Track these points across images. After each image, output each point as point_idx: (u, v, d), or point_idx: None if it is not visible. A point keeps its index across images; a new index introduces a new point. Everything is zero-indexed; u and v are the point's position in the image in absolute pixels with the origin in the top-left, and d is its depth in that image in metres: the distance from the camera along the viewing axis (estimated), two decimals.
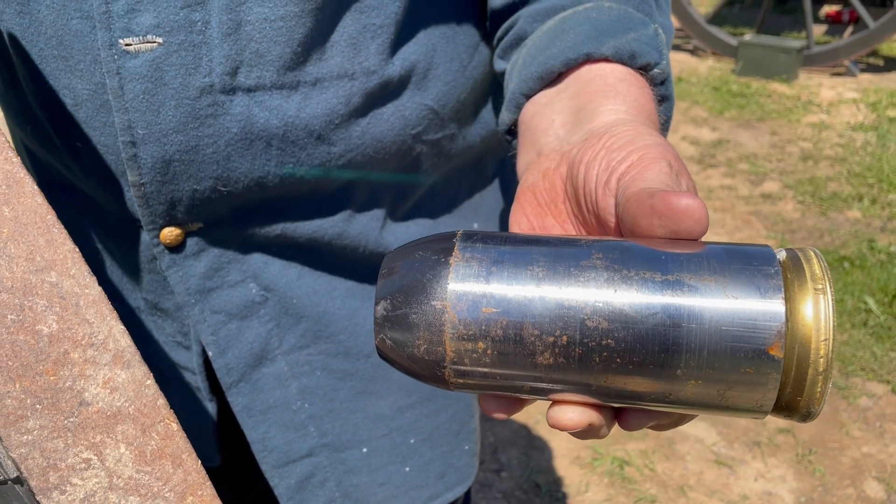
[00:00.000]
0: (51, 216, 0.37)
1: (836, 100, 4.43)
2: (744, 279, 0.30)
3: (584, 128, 0.44)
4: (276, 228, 0.62)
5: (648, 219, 0.33)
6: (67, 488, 0.35)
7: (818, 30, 5.82)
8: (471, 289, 0.32)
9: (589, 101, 0.46)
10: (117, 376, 0.37)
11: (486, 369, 0.33)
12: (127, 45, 0.51)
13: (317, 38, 0.54)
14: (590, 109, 0.45)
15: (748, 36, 5.04)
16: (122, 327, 0.38)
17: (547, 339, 0.31)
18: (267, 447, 0.71)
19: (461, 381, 0.34)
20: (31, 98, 0.57)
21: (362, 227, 0.65)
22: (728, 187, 3.35)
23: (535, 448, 1.94)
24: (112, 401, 0.37)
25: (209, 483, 0.40)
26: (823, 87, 4.66)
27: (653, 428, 0.37)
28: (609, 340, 0.31)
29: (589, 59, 0.48)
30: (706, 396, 0.31)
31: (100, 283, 0.71)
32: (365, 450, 0.73)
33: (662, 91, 0.49)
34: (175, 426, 0.39)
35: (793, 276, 0.31)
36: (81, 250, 0.70)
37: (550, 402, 0.35)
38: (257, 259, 0.64)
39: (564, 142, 0.45)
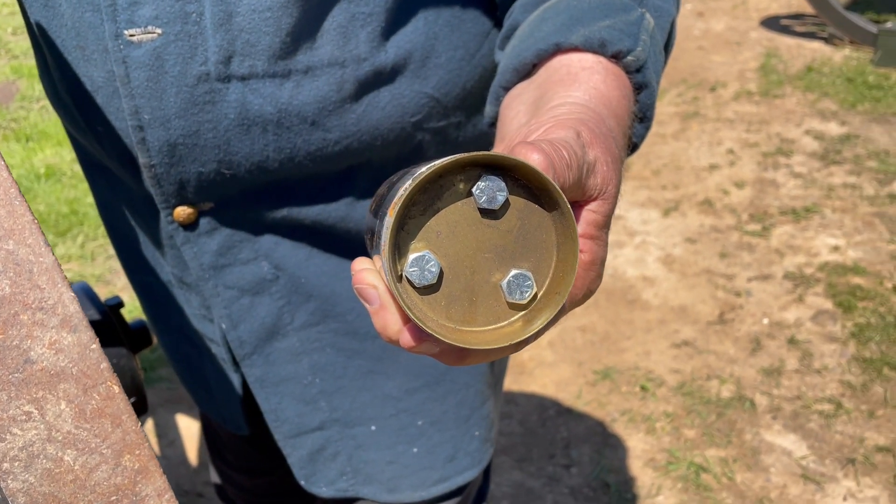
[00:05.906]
0: (14, 190, 0.41)
1: None
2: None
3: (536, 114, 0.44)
4: (282, 211, 0.65)
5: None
6: (7, 437, 0.39)
7: None
8: None
9: (547, 90, 0.46)
10: (63, 339, 0.40)
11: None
12: (131, 35, 0.55)
13: (305, 27, 0.56)
14: (546, 98, 0.45)
15: (890, 23, 4.64)
16: (71, 294, 0.41)
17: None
18: (280, 418, 0.74)
19: None
20: (58, 84, 0.62)
21: (365, 213, 0.66)
22: (852, 186, 3.12)
23: (609, 446, 1.90)
24: (56, 361, 0.40)
25: (148, 444, 0.42)
26: None
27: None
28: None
29: (559, 49, 0.47)
30: None
31: (134, 258, 0.77)
32: (373, 427, 0.75)
33: (639, 79, 0.48)
34: (116, 389, 0.42)
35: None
36: (117, 226, 0.76)
37: None
38: (268, 239, 0.67)
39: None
